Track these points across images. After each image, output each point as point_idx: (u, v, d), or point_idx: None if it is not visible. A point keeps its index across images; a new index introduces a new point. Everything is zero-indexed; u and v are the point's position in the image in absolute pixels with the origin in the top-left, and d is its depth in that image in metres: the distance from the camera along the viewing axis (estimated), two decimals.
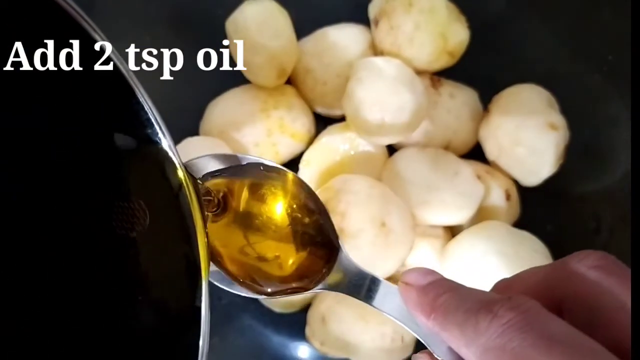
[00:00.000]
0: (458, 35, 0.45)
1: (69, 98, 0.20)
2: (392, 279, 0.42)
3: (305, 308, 0.44)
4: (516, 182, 0.46)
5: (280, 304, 0.44)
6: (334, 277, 0.24)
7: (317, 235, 0.25)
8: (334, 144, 0.45)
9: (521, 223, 0.45)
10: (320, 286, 0.24)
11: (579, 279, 0.19)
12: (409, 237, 0.40)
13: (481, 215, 0.44)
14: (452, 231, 0.45)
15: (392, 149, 0.46)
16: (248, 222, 0.25)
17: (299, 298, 0.44)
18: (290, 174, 0.26)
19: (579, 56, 0.46)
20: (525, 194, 0.46)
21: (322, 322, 0.41)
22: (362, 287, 0.24)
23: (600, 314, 0.18)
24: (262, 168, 0.26)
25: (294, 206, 0.25)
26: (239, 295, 0.45)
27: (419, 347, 0.42)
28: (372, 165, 0.45)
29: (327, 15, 0.49)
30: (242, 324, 0.45)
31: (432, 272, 0.22)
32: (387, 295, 0.23)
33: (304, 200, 0.25)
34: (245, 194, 0.25)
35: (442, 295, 0.20)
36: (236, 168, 0.25)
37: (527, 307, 0.18)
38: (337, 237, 0.25)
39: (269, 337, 0.45)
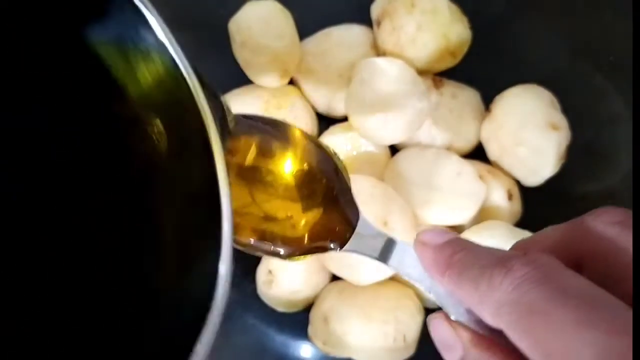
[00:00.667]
0: (460, 35, 0.46)
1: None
2: (393, 277, 0.43)
3: (308, 308, 0.44)
4: (518, 182, 0.46)
5: (283, 303, 0.44)
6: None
7: (332, 196, 0.25)
8: (337, 144, 0.45)
9: (523, 223, 0.45)
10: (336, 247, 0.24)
11: (596, 235, 0.19)
12: (410, 237, 0.40)
13: (483, 215, 0.44)
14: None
15: (394, 149, 0.46)
16: (258, 180, 0.24)
17: (301, 298, 0.44)
18: (299, 132, 0.25)
19: (580, 56, 0.46)
20: (527, 193, 0.46)
21: (324, 321, 0.41)
22: (378, 247, 0.23)
23: (617, 269, 0.18)
24: (275, 126, 0.25)
25: (306, 166, 0.25)
26: (241, 295, 0.45)
27: (421, 346, 0.42)
28: (374, 165, 0.45)
29: (330, 15, 0.49)
30: (244, 323, 0.45)
31: (448, 231, 0.22)
32: (403, 255, 0.23)
33: (317, 160, 0.25)
34: (254, 151, 0.24)
35: (458, 252, 0.20)
36: (249, 124, 0.25)
37: (543, 262, 0.17)
38: (353, 200, 0.24)
39: (271, 336, 0.45)
